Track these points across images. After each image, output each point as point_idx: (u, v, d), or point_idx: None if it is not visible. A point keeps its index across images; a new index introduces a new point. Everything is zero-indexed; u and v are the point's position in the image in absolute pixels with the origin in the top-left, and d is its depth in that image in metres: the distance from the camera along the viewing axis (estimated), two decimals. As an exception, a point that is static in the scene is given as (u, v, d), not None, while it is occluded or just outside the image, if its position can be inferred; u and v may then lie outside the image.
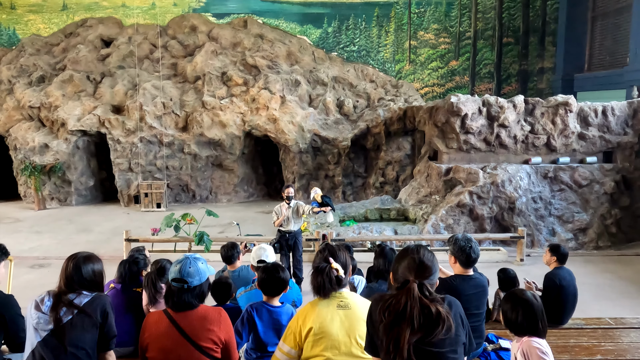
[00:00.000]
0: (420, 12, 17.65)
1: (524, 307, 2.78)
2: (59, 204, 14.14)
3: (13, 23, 17.52)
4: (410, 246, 2.28)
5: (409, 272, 2.14)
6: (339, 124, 14.29)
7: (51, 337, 2.64)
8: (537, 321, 2.76)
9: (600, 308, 6.09)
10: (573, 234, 9.36)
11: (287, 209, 6.89)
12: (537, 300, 2.82)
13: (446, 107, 10.17)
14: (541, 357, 2.68)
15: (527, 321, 2.76)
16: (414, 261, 2.16)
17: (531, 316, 2.77)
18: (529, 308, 2.78)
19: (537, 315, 2.77)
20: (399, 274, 2.18)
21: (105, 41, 16.19)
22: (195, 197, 14.49)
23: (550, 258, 4.70)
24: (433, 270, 2.18)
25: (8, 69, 15.09)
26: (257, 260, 4.06)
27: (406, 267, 2.16)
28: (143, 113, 13.82)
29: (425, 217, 9.73)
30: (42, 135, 13.99)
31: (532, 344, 2.72)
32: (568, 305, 4.54)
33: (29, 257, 8.85)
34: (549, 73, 16.79)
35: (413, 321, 1.99)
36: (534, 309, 2.78)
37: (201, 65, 14.80)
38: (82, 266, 2.80)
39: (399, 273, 2.19)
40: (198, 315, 2.69)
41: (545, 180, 9.67)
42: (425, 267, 2.15)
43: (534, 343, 2.72)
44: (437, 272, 2.22)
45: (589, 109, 9.99)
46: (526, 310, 2.78)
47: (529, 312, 2.77)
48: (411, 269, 2.14)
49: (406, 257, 2.19)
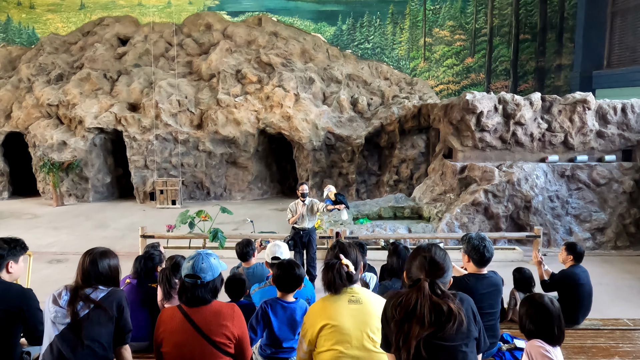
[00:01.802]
0: (436, 9, 17.50)
1: (541, 313, 2.68)
2: (76, 200, 14.36)
3: (32, 22, 17.82)
4: (422, 245, 2.29)
5: (420, 271, 2.17)
6: (353, 122, 14.25)
7: (68, 330, 2.69)
8: (553, 328, 2.66)
9: (618, 309, 6.00)
10: (591, 234, 9.21)
11: (302, 206, 6.91)
12: (555, 306, 2.71)
13: (461, 104, 10.07)
14: (545, 355, 2.60)
15: (542, 327, 2.67)
16: (426, 260, 2.19)
17: (547, 323, 2.67)
18: (545, 314, 2.67)
19: (554, 321, 2.66)
20: (412, 272, 2.22)
21: (121, 40, 16.38)
22: (210, 194, 14.60)
23: (566, 257, 4.63)
24: (445, 268, 2.19)
25: (27, 67, 15.37)
26: (272, 257, 4.07)
27: (418, 265, 2.20)
28: (159, 111, 13.96)
29: (439, 216, 9.66)
30: (60, 132, 14.22)
31: (535, 343, 2.66)
32: (584, 305, 4.47)
33: (47, 253, 9.01)
34: (566, 70, 16.52)
35: (423, 319, 2.01)
36: (551, 315, 2.67)
37: (216, 63, 14.88)
38: (98, 261, 2.85)
39: (411, 272, 2.23)
40: (212, 311, 2.71)
41: (562, 178, 9.53)
42: (438, 265, 2.17)
43: (537, 342, 2.66)
44: (450, 271, 2.23)
45: (607, 106, 9.81)
46: (542, 316, 2.67)
47: (545, 319, 2.67)
48: (423, 267, 2.18)
49: (418, 256, 2.22)
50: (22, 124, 14.58)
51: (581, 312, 4.49)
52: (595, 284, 4.62)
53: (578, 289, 4.42)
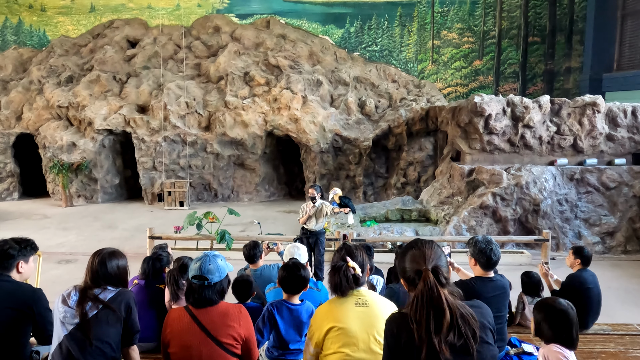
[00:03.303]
0: (444, 11, 17.46)
1: (560, 318, 2.66)
2: (85, 201, 14.48)
3: (43, 25, 18.02)
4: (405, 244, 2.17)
5: (417, 263, 2.05)
6: (361, 124, 14.25)
7: (77, 330, 2.71)
8: (572, 332, 2.64)
9: (628, 314, 5.93)
10: (600, 238, 9.13)
11: (312, 207, 6.96)
12: (573, 310, 2.71)
13: (469, 107, 10.04)
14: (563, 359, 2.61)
15: (562, 332, 2.65)
16: (417, 251, 2.08)
17: (567, 327, 2.65)
18: (565, 319, 2.66)
19: (573, 326, 2.65)
20: (408, 270, 2.09)
21: (131, 42, 16.51)
22: (217, 195, 14.65)
23: (573, 260, 4.60)
24: (438, 253, 2.08)
25: (38, 69, 15.54)
26: (290, 258, 4.01)
27: (412, 259, 2.07)
28: (167, 113, 14.04)
29: (447, 219, 9.62)
30: (69, 134, 14.35)
31: (553, 348, 2.66)
32: (592, 309, 4.43)
33: (56, 253, 9.08)
34: (576, 73, 16.40)
35: (438, 308, 1.91)
36: (570, 319, 2.65)
37: (224, 65, 14.95)
38: (107, 262, 2.87)
39: (407, 270, 2.09)
40: (219, 312, 2.72)
41: (571, 182, 9.46)
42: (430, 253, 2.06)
43: (555, 347, 2.66)
44: (444, 255, 2.13)
45: (617, 109, 9.73)
46: (562, 321, 2.66)
47: (564, 323, 2.65)
48: (418, 258, 2.05)
49: (407, 253, 2.11)
50: (33, 126, 14.73)
51: (590, 316, 4.44)
52: (604, 288, 4.58)
53: (586, 292, 4.38)
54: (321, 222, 7.05)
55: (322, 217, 7.00)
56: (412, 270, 2.07)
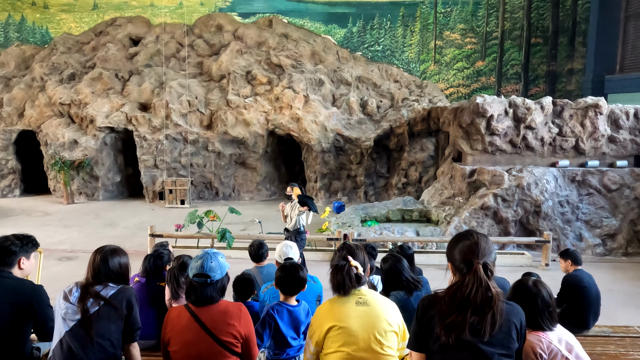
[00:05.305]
0: (447, 12, 17.45)
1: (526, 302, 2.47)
2: (86, 198, 14.50)
3: (46, 22, 18.04)
4: (460, 232, 2.27)
5: (468, 255, 2.12)
6: (362, 124, 14.25)
7: (78, 327, 2.71)
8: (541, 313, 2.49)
9: (628, 316, 5.92)
10: (601, 240, 9.12)
11: (289, 206, 7.04)
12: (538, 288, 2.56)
13: (471, 108, 10.03)
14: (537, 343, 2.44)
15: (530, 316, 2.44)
16: (472, 242, 2.16)
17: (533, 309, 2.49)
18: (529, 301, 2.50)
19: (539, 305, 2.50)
20: (457, 259, 2.17)
21: (133, 40, 16.52)
22: (219, 194, 14.66)
23: (565, 264, 4.69)
24: (491, 247, 2.18)
25: (40, 66, 15.55)
26: (284, 258, 4.03)
27: (464, 250, 2.14)
28: (169, 111, 14.05)
29: (448, 219, 9.62)
30: (71, 131, 14.37)
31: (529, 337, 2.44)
32: (592, 308, 4.43)
33: (57, 250, 9.09)
34: (578, 74, 16.38)
35: (477, 304, 2.02)
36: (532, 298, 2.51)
37: (226, 64, 14.95)
38: (109, 259, 2.87)
39: (456, 259, 2.17)
40: (219, 310, 2.72)
41: (572, 184, 9.45)
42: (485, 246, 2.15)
43: (531, 335, 2.48)
44: (494, 251, 2.22)
45: (620, 111, 9.72)
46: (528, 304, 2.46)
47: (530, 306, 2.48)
48: (470, 251, 2.13)
49: (459, 243, 2.19)
50: (35, 123, 14.75)
51: (590, 315, 4.44)
52: (605, 290, 4.58)
53: (583, 291, 4.39)
54: (295, 220, 7.00)
55: (295, 216, 6.98)
56: (462, 260, 2.15)
